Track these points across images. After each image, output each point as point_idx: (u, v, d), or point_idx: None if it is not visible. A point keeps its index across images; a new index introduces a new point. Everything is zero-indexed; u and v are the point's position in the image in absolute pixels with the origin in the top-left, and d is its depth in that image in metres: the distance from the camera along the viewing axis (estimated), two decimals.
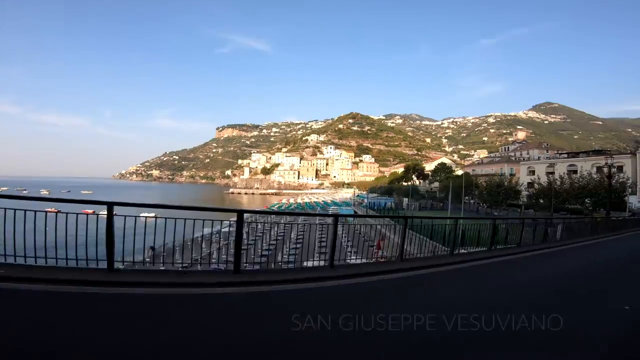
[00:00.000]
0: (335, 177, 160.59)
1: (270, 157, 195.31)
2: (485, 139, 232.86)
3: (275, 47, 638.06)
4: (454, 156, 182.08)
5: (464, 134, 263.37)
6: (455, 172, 70.19)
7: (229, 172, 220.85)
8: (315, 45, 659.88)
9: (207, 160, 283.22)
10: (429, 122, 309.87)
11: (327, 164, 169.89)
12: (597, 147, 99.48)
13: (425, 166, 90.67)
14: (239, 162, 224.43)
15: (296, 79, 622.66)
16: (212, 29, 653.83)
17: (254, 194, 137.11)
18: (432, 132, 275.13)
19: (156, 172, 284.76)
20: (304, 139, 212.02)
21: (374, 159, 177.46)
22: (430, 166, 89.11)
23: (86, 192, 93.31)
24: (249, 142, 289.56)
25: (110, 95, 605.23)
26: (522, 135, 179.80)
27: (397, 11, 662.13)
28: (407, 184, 75.57)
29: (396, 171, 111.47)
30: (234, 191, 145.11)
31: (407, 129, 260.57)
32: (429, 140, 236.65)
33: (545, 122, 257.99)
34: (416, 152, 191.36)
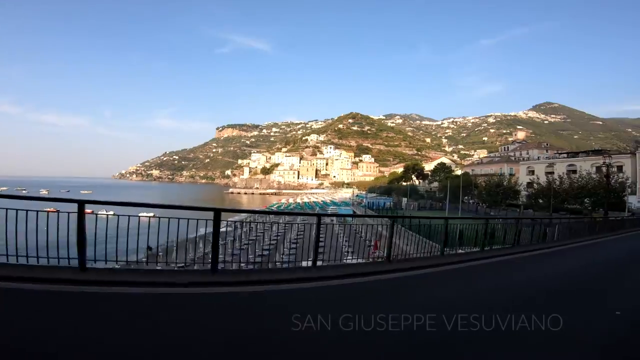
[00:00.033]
0: (335, 177, 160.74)
1: (270, 157, 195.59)
2: (485, 139, 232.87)
3: (275, 47, 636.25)
4: (454, 156, 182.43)
5: (464, 134, 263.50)
6: (455, 172, 70.31)
7: (229, 172, 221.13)
8: (315, 45, 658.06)
9: (207, 160, 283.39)
10: (429, 122, 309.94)
11: (326, 164, 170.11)
12: (597, 147, 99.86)
13: (424, 166, 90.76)
14: (239, 162, 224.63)
15: (296, 79, 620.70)
16: (212, 29, 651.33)
17: (254, 193, 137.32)
18: (432, 132, 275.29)
19: (156, 172, 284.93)
20: (304, 138, 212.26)
21: (373, 159, 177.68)
22: (429, 166, 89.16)
23: (85, 192, 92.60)
24: (248, 142, 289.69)
25: (110, 95, 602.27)
26: (522, 135, 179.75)
27: (397, 11, 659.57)
28: (407, 184, 75.65)
29: (396, 171, 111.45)
30: (234, 191, 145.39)
31: (407, 129, 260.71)
32: (428, 140, 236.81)
33: (545, 122, 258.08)
34: (416, 152, 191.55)
